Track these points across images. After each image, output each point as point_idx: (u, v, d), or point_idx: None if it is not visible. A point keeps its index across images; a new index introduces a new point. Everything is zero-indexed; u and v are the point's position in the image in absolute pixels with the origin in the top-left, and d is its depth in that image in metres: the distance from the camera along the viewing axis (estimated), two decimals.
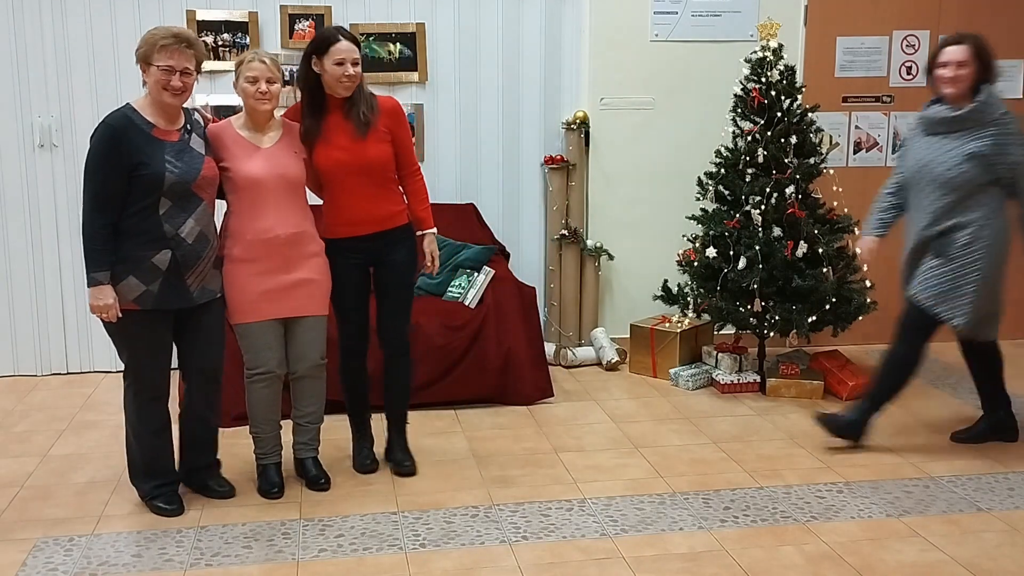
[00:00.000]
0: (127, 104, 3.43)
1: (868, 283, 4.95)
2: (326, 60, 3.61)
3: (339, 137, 3.67)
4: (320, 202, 3.84)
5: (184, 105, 3.51)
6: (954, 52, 3.93)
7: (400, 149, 3.79)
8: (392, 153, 3.75)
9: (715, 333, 5.39)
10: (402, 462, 3.98)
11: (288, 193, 3.61)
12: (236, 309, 3.62)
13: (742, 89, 4.97)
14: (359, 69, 3.64)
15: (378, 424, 4.09)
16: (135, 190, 3.34)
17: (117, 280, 3.36)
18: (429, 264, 3.89)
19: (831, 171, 5.02)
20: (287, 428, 3.86)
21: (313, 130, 3.67)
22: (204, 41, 4.91)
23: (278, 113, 3.71)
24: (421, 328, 4.61)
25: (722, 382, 5.03)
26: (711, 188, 5.02)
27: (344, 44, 3.60)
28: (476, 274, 4.96)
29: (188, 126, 3.49)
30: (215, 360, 3.68)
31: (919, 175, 4.02)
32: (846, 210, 5.00)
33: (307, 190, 3.74)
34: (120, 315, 3.36)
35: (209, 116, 3.74)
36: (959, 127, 3.94)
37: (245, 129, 3.63)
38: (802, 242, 4.75)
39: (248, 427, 3.80)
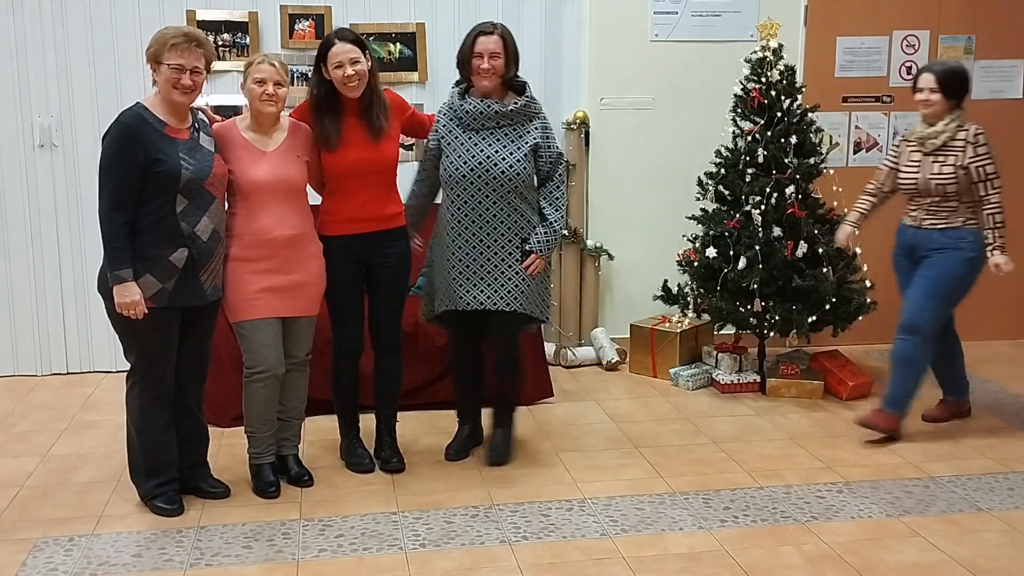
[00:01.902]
0: (137, 103, 3.45)
1: (868, 283, 4.94)
2: (328, 66, 3.66)
3: (356, 138, 3.73)
4: (319, 201, 3.85)
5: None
6: (485, 43, 3.79)
7: (415, 121, 3.97)
8: (398, 150, 3.84)
9: (715, 333, 5.38)
10: (389, 459, 3.99)
11: (289, 196, 3.63)
12: (236, 307, 3.63)
13: (742, 89, 4.96)
14: (361, 67, 3.66)
15: (366, 423, 4.08)
16: (151, 187, 3.36)
17: (134, 278, 3.37)
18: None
19: (831, 171, 5.02)
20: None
21: (333, 133, 3.71)
22: None
23: (284, 112, 3.73)
24: (421, 328, 4.61)
25: (722, 382, 5.03)
26: (711, 188, 5.01)
27: (339, 47, 3.64)
28: None
29: (196, 124, 3.53)
30: (208, 357, 3.70)
31: (474, 172, 3.80)
32: (846, 210, 4.99)
33: (308, 189, 3.76)
34: (146, 311, 3.38)
35: (215, 116, 3.75)
36: (509, 122, 3.83)
37: (250, 131, 3.64)
38: (802, 242, 4.75)
39: (244, 427, 3.80)
